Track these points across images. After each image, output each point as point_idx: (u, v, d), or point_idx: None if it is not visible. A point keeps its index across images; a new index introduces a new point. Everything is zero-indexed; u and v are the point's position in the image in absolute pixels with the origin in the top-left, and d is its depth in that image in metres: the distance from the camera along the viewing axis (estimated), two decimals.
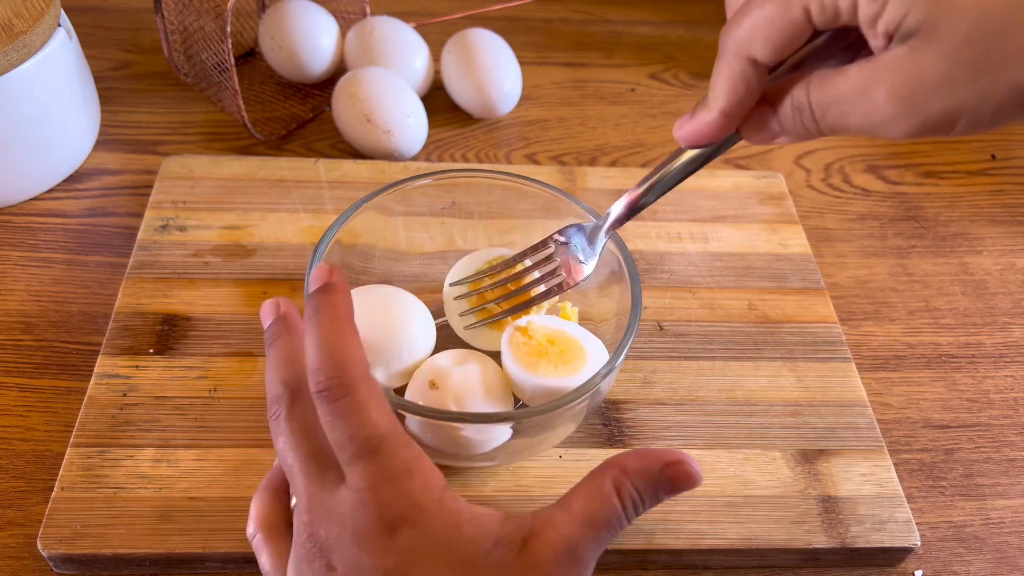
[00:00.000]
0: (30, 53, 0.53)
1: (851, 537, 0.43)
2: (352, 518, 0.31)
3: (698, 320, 0.53)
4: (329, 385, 0.31)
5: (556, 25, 0.80)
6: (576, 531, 0.32)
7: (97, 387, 0.46)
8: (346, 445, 0.31)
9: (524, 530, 0.32)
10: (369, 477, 0.31)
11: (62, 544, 0.40)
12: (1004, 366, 0.54)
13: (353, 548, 0.30)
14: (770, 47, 0.30)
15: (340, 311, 0.33)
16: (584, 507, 0.32)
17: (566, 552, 0.31)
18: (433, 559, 0.30)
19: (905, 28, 0.27)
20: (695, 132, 0.34)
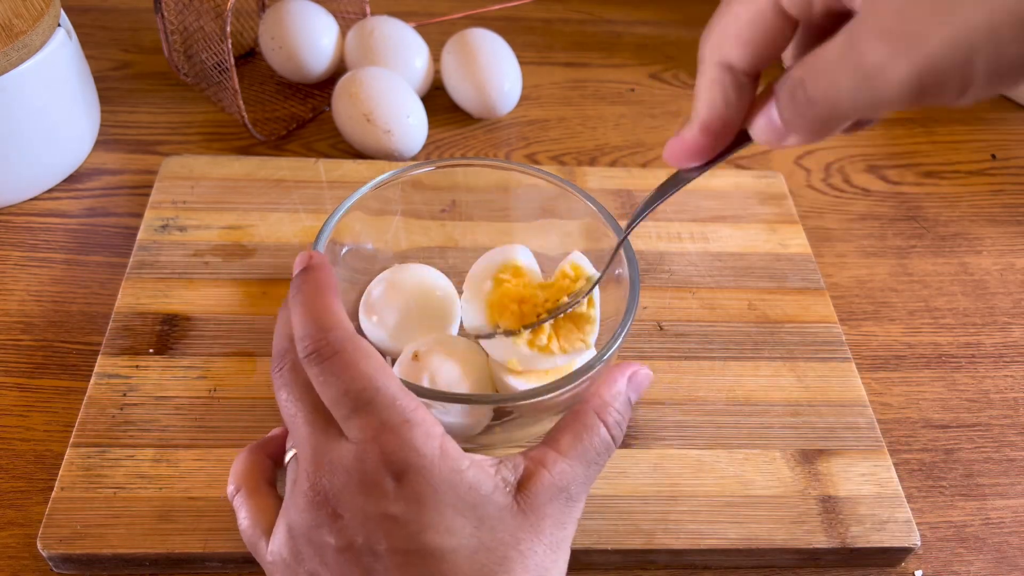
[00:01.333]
0: (30, 53, 0.53)
1: (851, 537, 0.43)
2: (357, 468, 0.31)
3: (698, 320, 0.53)
4: (316, 347, 0.32)
5: (556, 25, 0.80)
6: (569, 468, 0.33)
7: (97, 387, 0.46)
8: (341, 402, 0.32)
9: (519, 472, 0.33)
10: (369, 428, 0.31)
11: (62, 544, 0.40)
12: (1004, 366, 0.54)
13: (359, 497, 0.31)
14: (743, 48, 0.28)
15: (321, 284, 0.34)
16: (572, 443, 0.34)
17: (560, 490, 0.33)
18: (439, 504, 0.31)
19: None
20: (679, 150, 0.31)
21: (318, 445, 0.32)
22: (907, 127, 0.72)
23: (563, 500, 0.33)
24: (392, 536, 0.31)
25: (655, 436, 0.47)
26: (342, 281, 0.46)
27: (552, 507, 0.33)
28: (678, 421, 0.47)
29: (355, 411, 0.32)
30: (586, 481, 0.34)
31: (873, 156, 0.69)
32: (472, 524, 0.31)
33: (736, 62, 0.28)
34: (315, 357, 0.32)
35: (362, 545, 0.31)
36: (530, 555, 0.32)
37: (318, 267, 0.35)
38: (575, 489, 0.34)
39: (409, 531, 0.31)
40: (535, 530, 0.32)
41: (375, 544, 0.31)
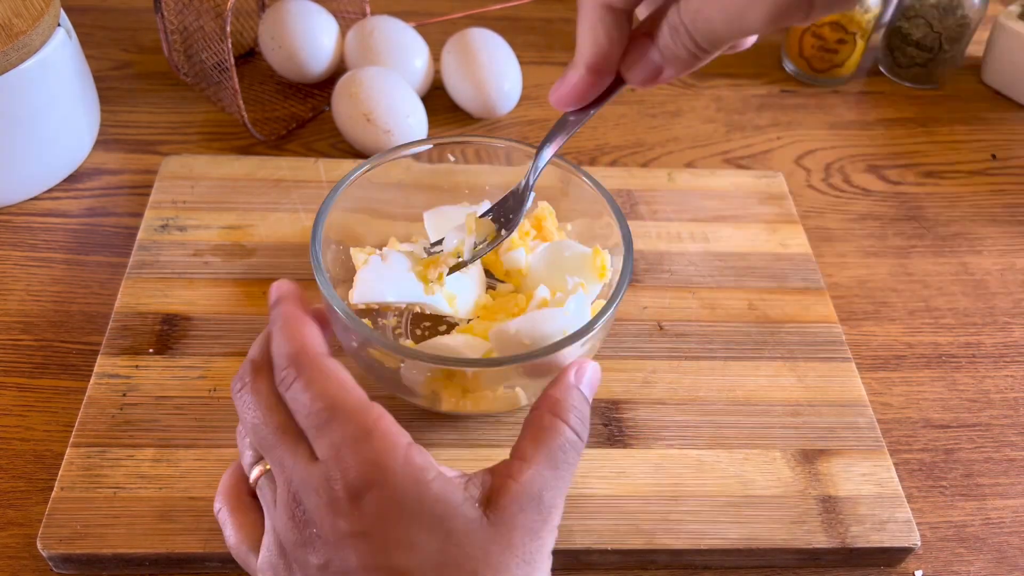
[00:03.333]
0: (30, 53, 0.53)
1: (851, 537, 0.43)
2: (324, 488, 0.31)
3: (698, 320, 0.53)
4: (283, 376, 0.33)
5: (556, 25, 0.80)
6: (537, 474, 0.33)
7: (97, 387, 0.46)
8: (308, 423, 0.32)
9: (486, 487, 0.33)
10: (331, 446, 0.32)
11: (62, 544, 0.40)
12: (1004, 366, 0.54)
13: (328, 517, 0.31)
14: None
15: (287, 316, 0.35)
16: (536, 448, 0.33)
17: (530, 498, 0.32)
18: (403, 519, 0.31)
19: None
20: (568, 93, 0.33)
21: (290, 466, 0.32)
22: (907, 127, 0.72)
23: (534, 509, 0.32)
24: (360, 554, 0.30)
25: (656, 436, 0.47)
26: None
27: (523, 517, 0.32)
28: (678, 421, 0.47)
29: (319, 429, 0.32)
30: (557, 485, 0.33)
31: (873, 156, 0.69)
32: (439, 539, 0.31)
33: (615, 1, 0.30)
34: (283, 384, 0.33)
35: (338, 564, 0.31)
36: (501, 569, 0.31)
37: (285, 298, 0.37)
38: (547, 495, 0.33)
39: (375, 548, 0.30)
40: (506, 543, 0.31)
41: (347, 562, 0.31)
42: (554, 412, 0.34)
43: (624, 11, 0.31)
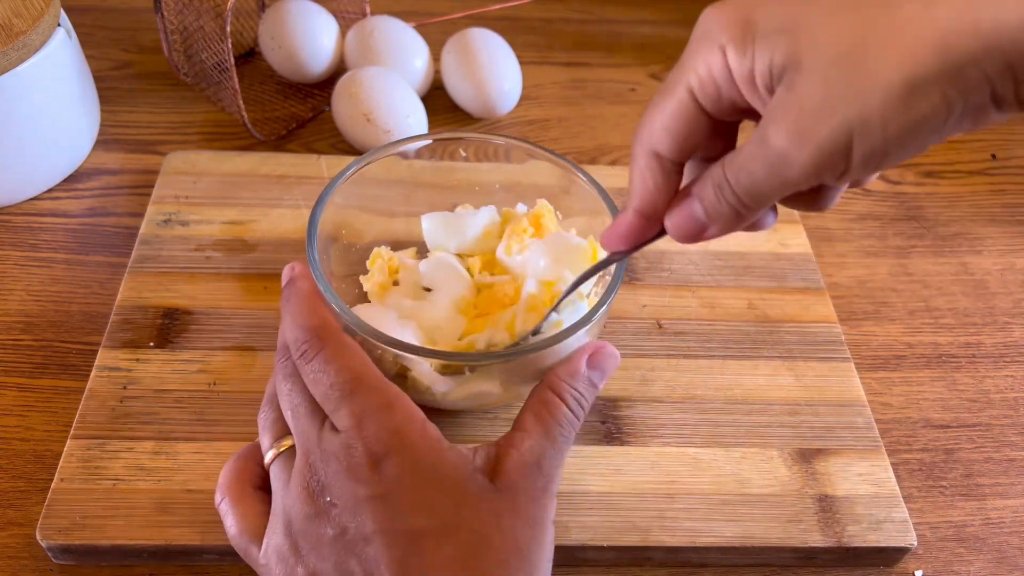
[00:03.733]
0: (30, 53, 0.53)
1: (847, 536, 0.43)
2: (344, 455, 0.33)
3: (697, 319, 0.53)
4: (302, 349, 0.36)
5: (556, 25, 0.80)
6: (536, 445, 0.35)
7: (97, 379, 0.47)
8: (328, 395, 0.35)
9: (491, 457, 0.35)
10: (352, 416, 0.34)
11: (61, 535, 0.41)
12: (1004, 366, 0.54)
13: (348, 483, 0.33)
14: (669, 138, 0.31)
15: (303, 292, 0.38)
16: (535, 422, 0.36)
17: (532, 466, 0.35)
18: (421, 483, 0.33)
19: (776, 69, 0.28)
20: (617, 236, 0.34)
21: (312, 436, 0.35)
22: None
23: (535, 475, 0.35)
24: (378, 517, 0.32)
25: (653, 434, 0.47)
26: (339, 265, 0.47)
27: (525, 482, 0.34)
28: (676, 419, 0.47)
29: (340, 401, 0.34)
30: (554, 455, 0.36)
31: None
32: (454, 503, 0.33)
33: (663, 151, 0.31)
34: (301, 357, 0.36)
35: (354, 530, 0.32)
36: (509, 532, 0.33)
37: (299, 278, 0.39)
38: (546, 464, 0.35)
39: (394, 511, 0.32)
40: (512, 506, 0.34)
41: (364, 527, 0.32)
42: (555, 391, 0.37)
43: (672, 161, 0.32)
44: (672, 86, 0.31)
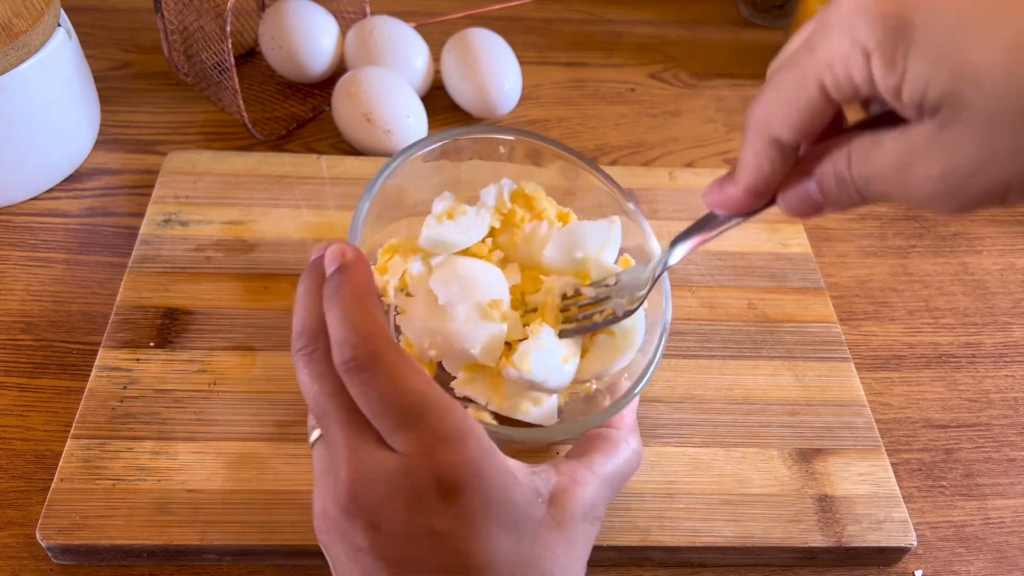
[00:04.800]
0: (30, 53, 0.53)
1: (847, 536, 0.43)
2: (405, 482, 0.30)
3: (697, 319, 0.53)
4: (355, 354, 0.31)
5: (556, 25, 0.80)
6: (599, 490, 0.35)
7: (98, 379, 0.47)
8: (384, 414, 0.31)
9: (551, 485, 0.34)
10: (421, 443, 0.30)
11: (61, 535, 0.41)
12: (1004, 366, 0.54)
13: (404, 511, 0.30)
14: (790, 127, 0.29)
15: (360, 286, 0.33)
16: (604, 464, 0.36)
17: (591, 508, 0.34)
18: (489, 522, 0.31)
19: (930, 101, 0.25)
20: (723, 203, 0.33)
21: (355, 449, 0.31)
22: None
23: (592, 519, 0.34)
24: (437, 552, 0.30)
25: (653, 434, 0.47)
26: None
27: (584, 524, 0.34)
28: (676, 419, 0.47)
29: (404, 424, 0.31)
30: (608, 502, 0.36)
31: None
32: (515, 538, 0.31)
33: (785, 138, 0.30)
34: (354, 365, 0.31)
35: (400, 558, 0.30)
36: (564, 568, 0.32)
37: (355, 266, 0.33)
38: (600, 510, 0.35)
39: (456, 547, 0.30)
40: (570, 544, 0.33)
41: (418, 559, 0.30)
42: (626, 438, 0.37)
43: (792, 146, 0.30)
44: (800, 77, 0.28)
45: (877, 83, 0.26)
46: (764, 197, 0.32)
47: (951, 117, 0.24)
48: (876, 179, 0.28)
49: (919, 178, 0.26)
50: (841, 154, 0.29)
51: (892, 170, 0.27)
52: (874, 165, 0.27)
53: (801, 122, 0.29)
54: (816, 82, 0.27)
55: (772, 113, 0.29)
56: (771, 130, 0.30)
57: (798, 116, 0.29)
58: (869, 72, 0.26)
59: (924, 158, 0.25)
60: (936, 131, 0.25)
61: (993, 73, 0.23)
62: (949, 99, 0.24)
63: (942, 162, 0.25)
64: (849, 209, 0.30)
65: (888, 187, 0.27)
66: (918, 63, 0.24)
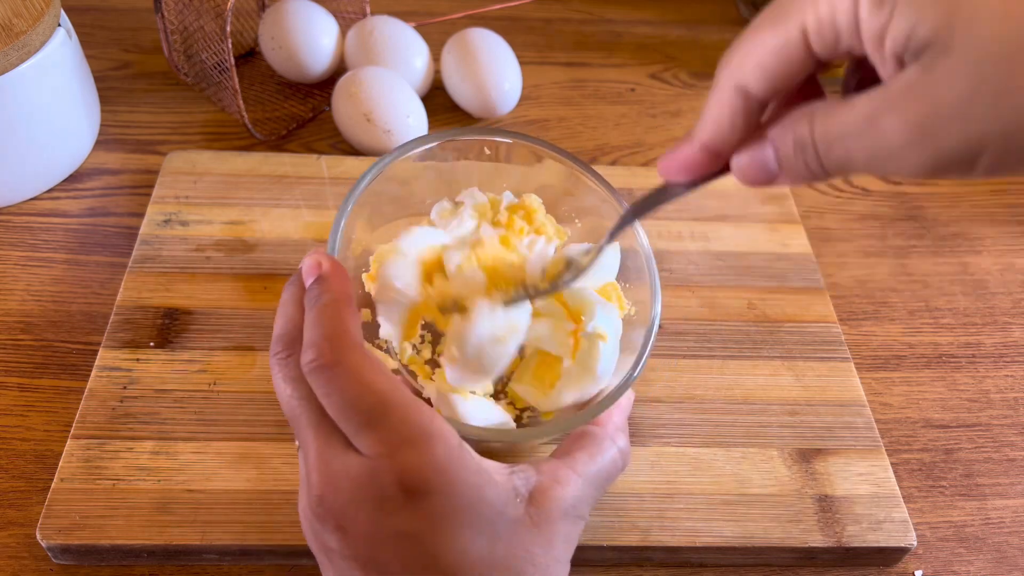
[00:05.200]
0: (30, 53, 0.53)
1: (847, 536, 0.43)
2: (369, 483, 0.30)
3: (697, 319, 0.53)
4: (319, 356, 0.31)
5: (556, 25, 0.80)
6: (582, 489, 0.34)
7: (98, 379, 0.47)
8: (347, 415, 0.31)
9: (530, 484, 0.33)
10: (385, 444, 0.30)
11: (61, 535, 0.41)
12: (1004, 366, 0.54)
13: (370, 513, 0.30)
14: (763, 74, 0.27)
15: (337, 295, 0.33)
16: (588, 464, 0.35)
17: (572, 507, 0.33)
18: (457, 524, 0.31)
19: (916, 42, 0.23)
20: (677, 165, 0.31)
21: (323, 453, 0.31)
22: None
23: (574, 517, 0.34)
24: (405, 554, 0.30)
25: (653, 434, 0.47)
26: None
27: (564, 524, 0.33)
28: (676, 419, 0.47)
29: (367, 425, 0.31)
30: (593, 502, 0.35)
31: None
32: (487, 539, 0.31)
33: (753, 87, 0.28)
34: (317, 366, 0.31)
35: (368, 559, 0.30)
36: (543, 569, 0.32)
37: (332, 276, 0.34)
38: (584, 509, 0.34)
39: (424, 549, 0.30)
40: (548, 544, 0.32)
41: (385, 562, 0.30)
42: (612, 436, 0.36)
43: (759, 100, 0.28)
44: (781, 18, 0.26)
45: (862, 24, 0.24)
46: (720, 158, 0.30)
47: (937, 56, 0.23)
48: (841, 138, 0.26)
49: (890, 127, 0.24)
50: (803, 116, 0.27)
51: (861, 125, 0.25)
52: (841, 123, 0.26)
53: (774, 68, 0.27)
54: (797, 24, 0.26)
55: (745, 57, 0.28)
56: (741, 78, 0.28)
57: (772, 61, 0.27)
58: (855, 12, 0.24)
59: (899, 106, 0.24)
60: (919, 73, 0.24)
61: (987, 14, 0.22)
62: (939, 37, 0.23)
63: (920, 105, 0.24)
64: (804, 182, 0.28)
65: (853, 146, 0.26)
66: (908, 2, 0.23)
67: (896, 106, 0.24)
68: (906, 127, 0.24)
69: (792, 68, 0.27)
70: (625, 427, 0.38)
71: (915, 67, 0.24)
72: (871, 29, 0.24)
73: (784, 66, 0.27)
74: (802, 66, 0.27)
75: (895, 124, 0.24)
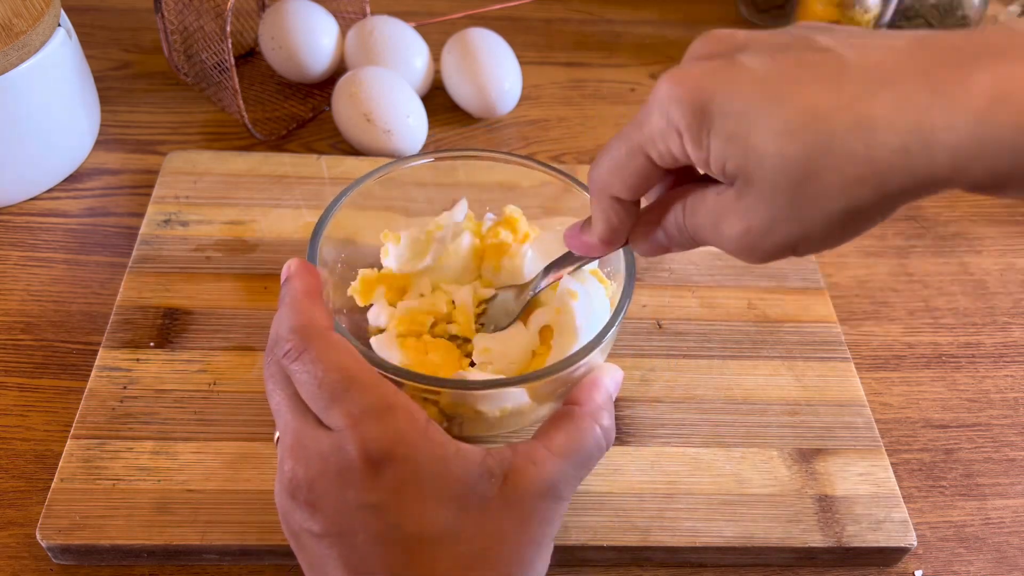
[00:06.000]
0: (30, 53, 0.53)
1: (847, 536, 0.43)
2: (335, 455, 0.31)
3: (697, 319, 0.53)
4: (289, 347, 0.33)
5: (556, 25, 0.80)
6: (559, 468, 0.34)
7: (98, 379, 0.47)
8: (317, 395, 0.32)
9: (505, 465, 0.33)
10: (348, 416, 0.31)
11: (60, 535, 0.41)
12: (1004, 366, 0.54)
13: (336, 485, 0.31)
14: (625, 188, 0.33)
15: (298, 289, 0.36)
16: (566, 443, 0.35)
17: (549, 488, 0.33)
18: (421, 494, 0.31)
19: (729, 174, 0.29)
20: (583, 248, 0.37)
21: (296, 431, 0.33)
22: None
23: (551, 497, 0.33)
24: (369, 526, 0.31)
25: (652, 434, 0.47)
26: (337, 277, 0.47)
27: (541, 503, 0.33)
28: (676, 419, 0.47)
29: (332, 401, 0.32)
30: (575, 482, 0.35)
31: None
32: (454, 514, 0.31)
33: (621, 195, 0.33)
34: (289, 355, 0.33)
35: (337, 534, 0.31)
36: (513, 547, 0.32)
37: (298, 274, 0.37)
38: (564, 488, 0.34)
39: (388, 522, 0.31)
40: (521, 524, 0.32)
41: (352, 534, 0.31)
42: (595, 417, 0.36)
43: (630, 202, 0.34)
44: (630, 147, 0.31)
45: (690, 155, 0.30)
46: (616, 244, 0.36)
47: (743, 187, 0.29)
48: (700, 229, 0.32)
49: (727, 234, 0.30)
50: (679, 205, 0.33)
51: (710, 224, 0.31)
52: (699, 217, 0.32)
53: (635, 184, 0.32)
54: (643, 153, 0.31)
55: (610, 177, 0.33)
56: (610, 191, 0.33)
57: (632, 179, 0.32)
58: (683, 147, 0.30)
59: (729, 218, 0.30)
60: (735, 198, 0.29)
61: (770, 153, 0.27)
62: (741, 173, 0.28)
63: (741, 222, 0.29)
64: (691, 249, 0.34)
65: (709, 237, 0.32)
66: (717, 143, 0.28)
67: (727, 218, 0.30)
68: (736, 238, 0.30)
69: (648, 180, 0.32)
70: (609, 406, 0.37)
71: (733, 190, 0.29)
72: (697, 159, 0.30)
73: (642, 180, 0.32)
74: (657, 176, 0.32)
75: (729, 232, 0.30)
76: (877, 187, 0.26)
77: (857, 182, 0.26)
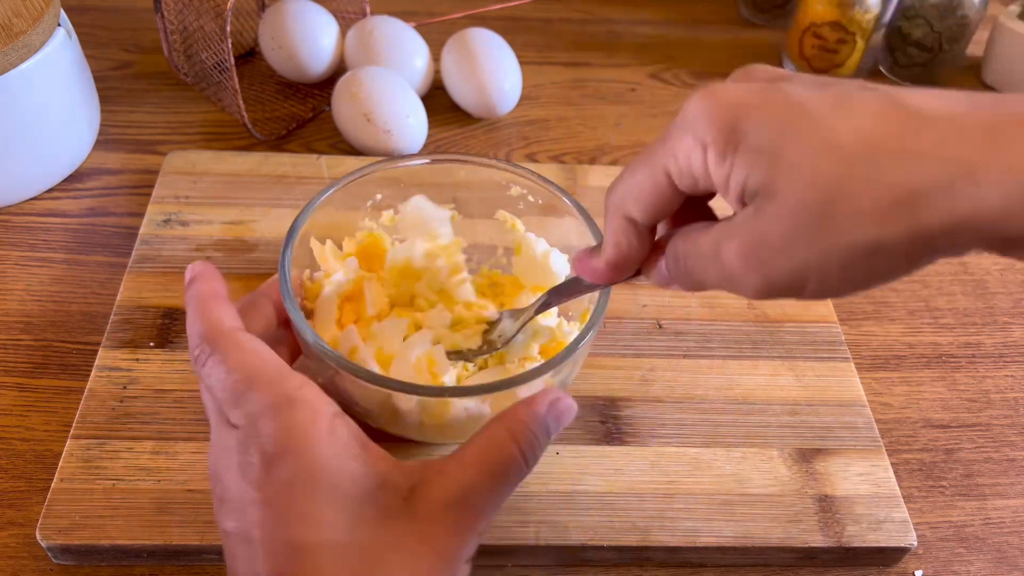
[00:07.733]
0: (30, 53, 0.53)
1: (847, 536, 0.43)
2: (237, 452, 0.32)
3: (697, 319, 0.53)
4: (196, 353, 0.34)
5: (556, 25, 0.80)
6: (470, 478, 0.32)
7: (97, 379, 0.47)
8: (223, 397, 0.33)
9: (412, 478, 0.32)
10: (247, 415, 0.32)
11: (61, 535, 0.41)
12: (1004, 366, 0.54)
13: (239, 481, 0.31)
14: (643, 209, 0.32)
15: (199, 296, 0.36)
16: (479, 456, 0.33)
17: (459, 499, 0.32)
18: (311, 492, 0.30)
19: (750, 189, 0.28)
20: (590, 273, 0.36)
21: (214, 434, 0.34)
22: None
23: (463, 510, 0.32)
24: (262, 524, 0.30)
25: (652, 434, 0.47)
26: None
27: (446, 515, 0.32)
28: (676, 419, 0.47)
29: (236, 402, 0.32)
30: (495, 495, 0.33)
31: None
32: (348, 519, 0.31)
33: (637, 218, 0.32)
34: (198, 360, 0.34)
35: (236, 530, 0.31)
36: (409, 559, 0.31)
37: (198, 279, 0.37)
38: (479, 501, 0.32)
39: (279, 519, 0.30)
40: (425, 536, 0.31)
41: (248, 530, 0.31)
42: (513, 435, 0.33)
43: (646, 226, 0.33)
44: (651, 164, 0.31)
45: (711, 172, 0.29)
46: (625, 271, 0.34)
47: (765, 201, 0.28)
48: (698, 259, 0.31)
49: (730, 255, 0.29)
50: (678, 236, 0.32)
51: (709, 248, 0.30)
52: (698, 246, 0.31)
53: (651, 204, 0.31)
54: (662, 169, 0.30)
55: (626, 195, 0.32)
56: (625, 210, 0.32)
57: (648, 198, 0.31)
58: (705, 162, 0.29)
59: (737, 237, 0.29)
60: (752, 214, 0.28)
61: (804, 167, 0.27)
62: (766, 187, 0.27)
63: (752, 240, 0.28)
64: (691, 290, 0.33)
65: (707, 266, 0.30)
66: (744, 156, 0.28)
67: (735, 237, 0.29)
68: (741, 256, 0.29)
69: (665, 202, 0.31)
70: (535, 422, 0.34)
71: (750, 208, 0.28)
72: (718, 177, 0.29)
73: (659, 200, 0.31)
74: (675, 199, 0.31)
75: (733, 252, 0.29)
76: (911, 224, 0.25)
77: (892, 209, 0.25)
